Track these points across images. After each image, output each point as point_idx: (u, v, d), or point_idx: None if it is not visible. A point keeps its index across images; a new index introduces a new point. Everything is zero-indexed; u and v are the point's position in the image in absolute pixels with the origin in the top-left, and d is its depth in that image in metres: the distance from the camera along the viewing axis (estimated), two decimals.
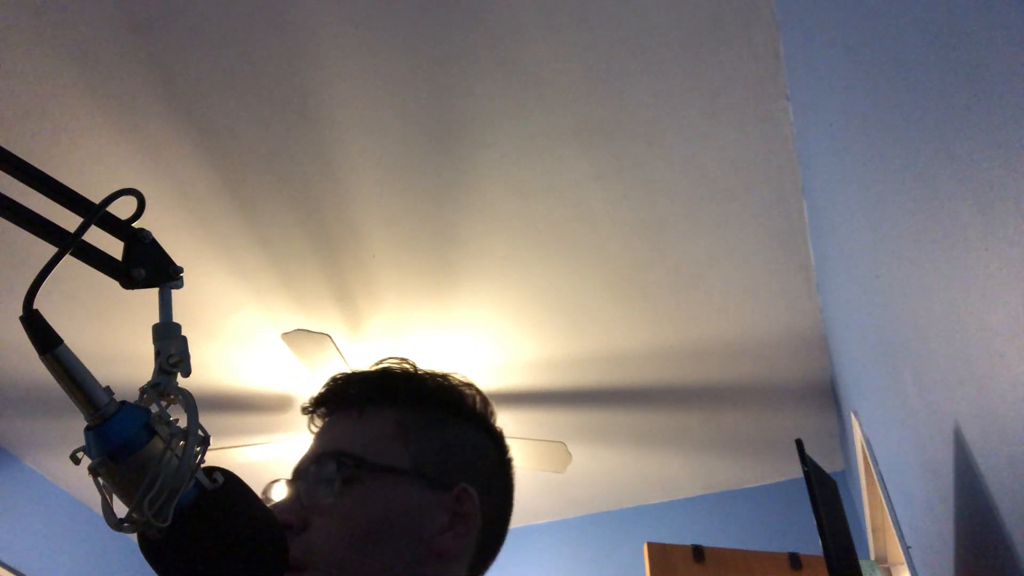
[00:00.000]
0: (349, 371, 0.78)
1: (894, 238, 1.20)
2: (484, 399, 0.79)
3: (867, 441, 2.09)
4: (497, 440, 0.79)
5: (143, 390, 0.65)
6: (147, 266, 0.70)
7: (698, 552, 2.60)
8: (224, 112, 2.03)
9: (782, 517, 3.36)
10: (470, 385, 0.79)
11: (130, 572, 3.42)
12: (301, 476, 0.69)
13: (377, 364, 0.79)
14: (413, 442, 0.71)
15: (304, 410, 0.77)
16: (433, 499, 0.69)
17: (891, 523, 1.81)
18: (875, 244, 1.38)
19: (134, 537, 0.61)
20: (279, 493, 0.72)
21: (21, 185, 0.69)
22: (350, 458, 0.68)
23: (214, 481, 0.62)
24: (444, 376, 0.79)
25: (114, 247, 0.75)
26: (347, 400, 0.75)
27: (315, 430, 0.76)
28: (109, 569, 3.38)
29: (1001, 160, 0.70)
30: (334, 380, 0.76)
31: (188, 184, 2.19)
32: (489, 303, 2.61)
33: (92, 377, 0.61)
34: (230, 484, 0.64)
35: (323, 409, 0.76)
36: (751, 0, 1.83)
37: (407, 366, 0.79)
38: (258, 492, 0.69)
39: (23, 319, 0.59)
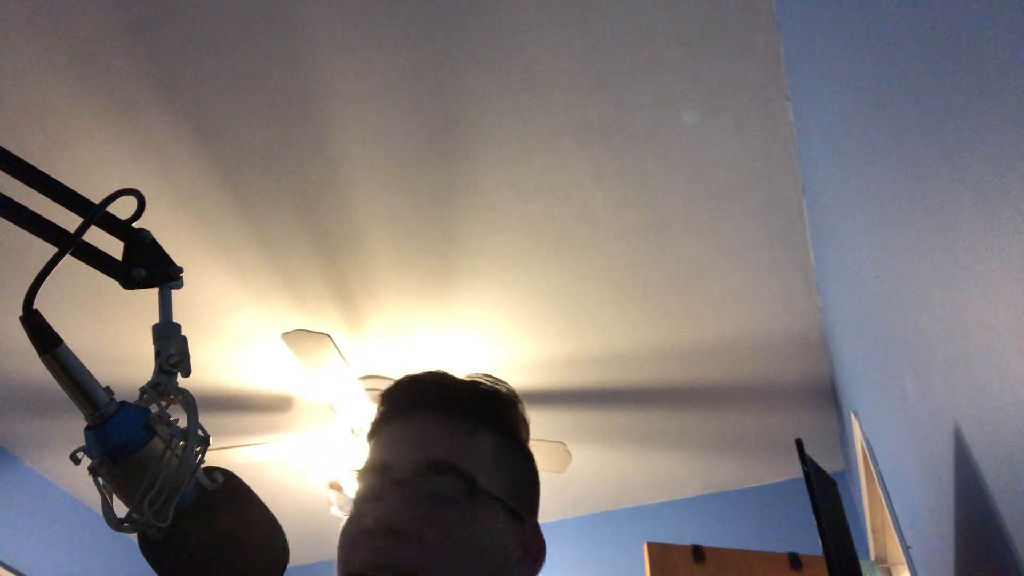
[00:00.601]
0: (451, 376, 0.76)
1: (894, 238, 1.20)
2: (528, 432, 0.80)
3: (867, 441, 2.09)
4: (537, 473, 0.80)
5: (143, 390, 0.65)
6: (147, 266, 0.70)
7: (698, 552, 2.60)
8: (224, 112, 2.03)
9: (782, 517, 3.36)
10: (527, 419, 0.80)
11: (130, 572, 3.42)
12: (408, 480, 0.67)
13: (476, 377, 0.77)
14: (504, 471, 0.72)
15: (395, 389, 0.75)
16: (513, 531, 0.69)
17: (891, 523, 1.81)
18: (875, 244, 1.38)
19: (134, 537, 0.61)
20: (350, 485, 0.71)
21: (21, 185, 0.69)
22: (468, 479, 0.67)
23: (214, 481, 0.63)
24: (521, 403, 0.79)
25: (114, 247, 0.75)
26: (457, 409, 0.73)
27: (388, 416, 0.74)
28: (109, 569, 3.38)
29: (1001, 160, 0.69)
30: (442, 379, 0.75)
31: (188, 184, 2.19)
32: (489, 303, 2.61)
33: (92, 377, 0.61)
34: (230, 484, 0.64)
35: (415, 401, 0.74)
36: (751, 0, 1.83)
37: (509, 389, 0.77)
38: (259, 492, 0.69)
39: (23, 319, 0.59)
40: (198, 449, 0.62)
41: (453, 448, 0.70)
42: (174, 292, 0.71)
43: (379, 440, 0.73)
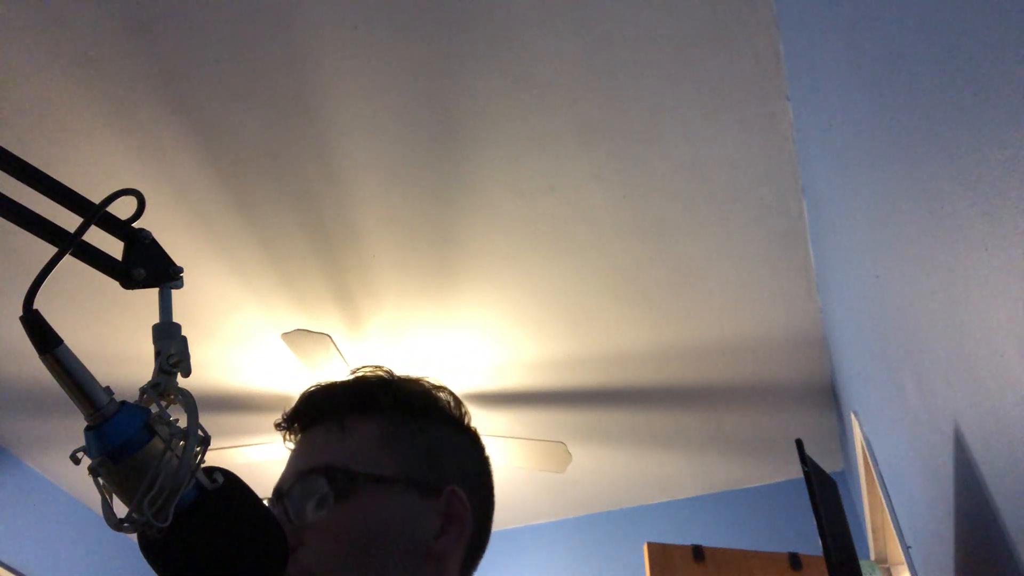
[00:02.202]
0: (322, 384, 0.76)
1: (894, 238, 1.20)
2: (458, 401, 0.79)
3: (867, 441, 2.09)
4: (475, 440, 0.79)
5: (143, 390, 0.65)
6: (147, 266, 0.70)
7: (698, 552, 2.60)
8: (224, 112, 2.03)
9: (782, 517, 3.36)
10: (443, 388, 0.79)
11: (130, 572, 3.42)
12: (287, 494, 0.68)
13: (352, 373, 0.77)
14: (398, 450, 0.71)
15: (278, 426, 0.76)
16: (424, 504, 0.69)
17: (891, 523, 1.81)
18: (875, 244, 1.38)
19: (134, 537, 0.61)
20: None
21: (21, 185, 0.69)
22: (340, 472, 0.67)
23: (214, 481, 0.62)
24: (418, 381, 0.78)
25: (114, 247, 0.75)
26: (325, 413, 0.73)
27: (291, 447, 0.75)
28: (109, 569, 3.38)
29: (1001, 160, 0.70)
30: (309, 394, 0.75)
31: (188, 184, 2.19)
32: (489, 303, 2.61)
33: (92, 377, 0.61)
34: (230, 484, 0.64)
35: (298, 424, 0.75)
36: (751, 0, 1.83)
37: (382, 374, 0.77)
38: (259, 493, 0.69)
39: (23, 319, 0.59)
40: (198, 449, 0.62)
41: (324, 451, 0.70)
42: (174, 292, 0.71)
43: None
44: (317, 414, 0.74)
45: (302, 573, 0.63)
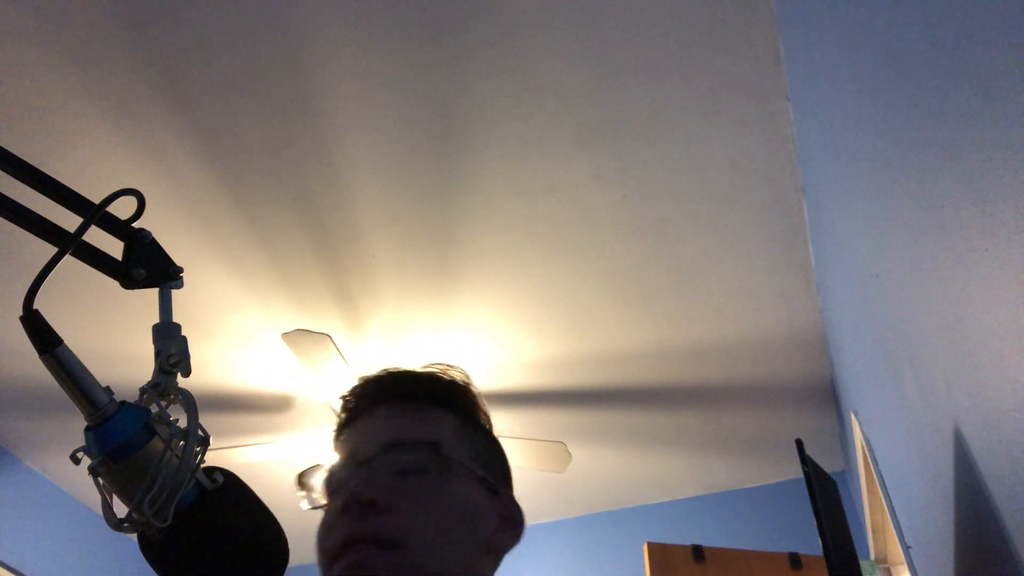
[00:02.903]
0: (404, 369, 0.79)
1: (894, 238, 1.20)
2: (487, 413, 0.83)
3: (867, 441, 2.09)
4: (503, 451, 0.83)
5: (143, 390, 0.65)
6: (147, 266, 0.70)
7: (698, 552, 2.60)
8: (224, 112, 2.03)
9: (782, 517, 3.36)
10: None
11: (130, 572, 3.42)
12: (374, 459, 0.68)
13: (427, 367, 0.80)
14: (468, 447, 0.74)
15: (355, 391, 0.77)
16: (487, 501, 0.72)
17: (891, 523, 1.81)
18: (875, 244, 1.38)
19: (134, 537, 0.61)
20: (318, 478, 0.73)
21: (21, 185, 0.69)
22: (443, 450, 0.70)
23: (214, 481, 0.63)
24: (472, 385, 0.82)
25: (114, 247, 0.75)
26: (410, 396, 0.75)
27: (351, 416, 0.76)
28: (109, 569, 3.38)
29: (1001, 160, 0.70)
30: (394, 374, 0.77)
31: (188, 184, 2.19)
32: (489, 303, 2.61)
33: (92, 377, 0.61)
34: (230, 484, 0.64)
35: (377, 397, 0.76)
36: (751, 1, 1.83)
37: (456, 374, 0.80)
38: (259, 492, 0.69)
39: (23, 319, 0.59)
40: (198, 449, 0.62)
41: (413, 427, 0.72)
42: (174, 292, 0.71)
43: (343, 440, 0.75)
44: (402, 392, 0.75)
45: (397, 532, 0.63)
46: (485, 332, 2.72)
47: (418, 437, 0.70)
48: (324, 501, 0.69)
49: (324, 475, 0.72)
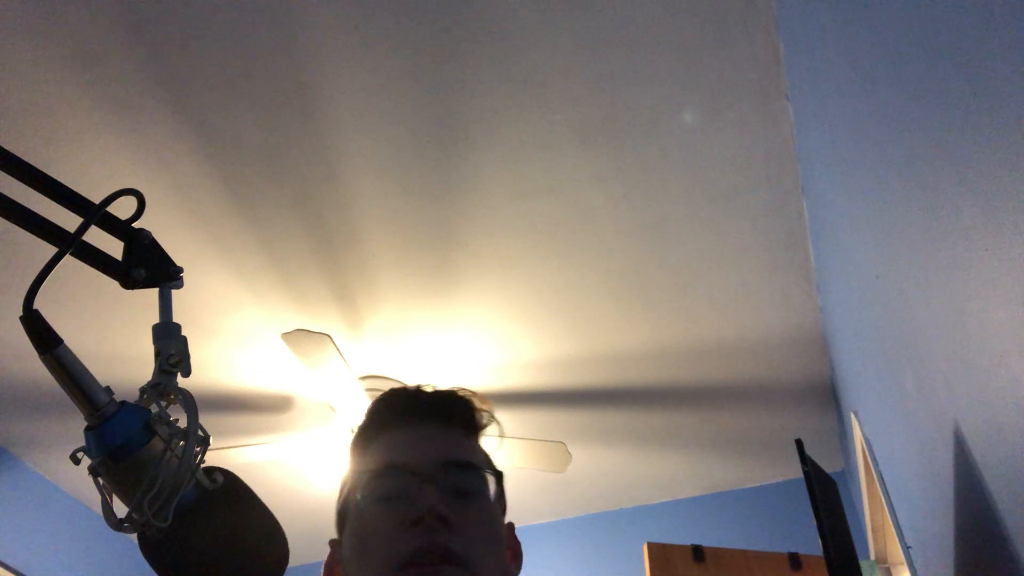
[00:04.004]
0: (446, 390, 0.80)
1: (894, 238, 1.20)
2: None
3: (867, 441, 2.09)
4: None
5: (143, 390, 0.65)
6: (147, 266, 0.70)
7: (698, 552, 2.60)
8: (224, 112, 2.03)
9: (782, 517, 3.36)
10: None
11: (130, 572, 3.42)
12: (439, 477, 0.69)
13: (461, 392, 0.81)
14: (494, 475, 0.76)
15: (400, 399, 0.78)
16: (503, 521, 0.75)
17: (891, 523, 1.81)
18: (875, 244, 1.38)
19: (134, 537, 0.61)
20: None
21: (21, 185, 0.69)
22: (486, 479, 0.72)
23: (214, 481, 0.63)
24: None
25: (114, 247, 0.75)
26: (457, 420, 0.77)
27: (391, 423, 0.77)
28: (109, 569, 3.38)
29: (1002, 160, 0.69)
30: (442, 394, 0.78)
31: (188, 184, 2.19)
32: (489, 303, 2.61)
33: (92, 377, 0.61)
34: (230, 484, 0.64)
35: (424, 413, 0.77)
36: (751, 0, 1.83)
37: (488, 407, 0.82)
38: (259, 492, 0.69)
39: (23, 319, 0.59)
40: (198, 449, 0.62)
41: (463, 450, 0.74)
42: (174, 292, 0.71)
43: (379, 445, 0.75)
44: (443, 414, 0.76)
45: (460, 552, 0.65)
46: (485, 332, 2.72)
47: (471, 460, 0.72)
48: (360, 496, 0.70)
49: (365, 474, 0.72)
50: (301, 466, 3.26)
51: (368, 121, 2.07)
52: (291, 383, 2.88)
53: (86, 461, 0.61)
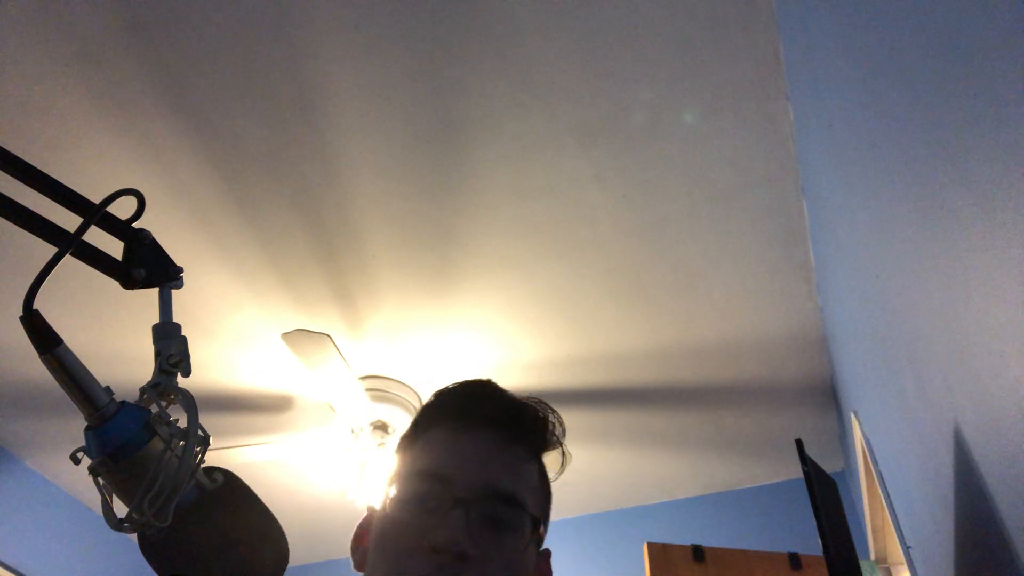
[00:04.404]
0: (518, 401, 0.76)
1: (894, 238, 1.20)
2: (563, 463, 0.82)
3: (867, 441, 2.09)
4: None
5: (143, 390, 0.65)
6: (147, 266, 0.70)
7: (698, 552, 2.60)
8: (225, 112, 2.03)
9: (782, 517, 3.36)
10: None
11: (130, 572, 3.42)
12: (477, 504, 0.67)
13: (532, 402, 0.78)
14: (541, 502, 0.74)
15: (465, 396, 0.75)
16: (533, 555, 0.71)
17: (891, 523, 1.81)
18: (875, 244, 1.38)
19: (134, 537, 0.61)
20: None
21: (21, 185, 0.69)
22: (527, 515, 0.69)
23: (214, 481, 0.63)
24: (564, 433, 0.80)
25: (114, 247, 0.75)
26: (520, 439, 0.74)
27: (446, 418, 0.74)
28: (109, 569, 3.38)
29: (1001, 160, 0.69)
30: (512, 405, 0.75)
31: (188, 184, 2.19)
32: (489, 303, 2.61)
33: (92, 377, 0.61)
34: (230, 484, 0.64)
35: (487, 420, 0.73)
36: (751, 1, 1.83)
37: (559, 423, 0.79)
38: (259, 492, 0.69)
39: (23, 319, 0.59)
40: (198, 449, 0.62)
41: (515, 477, 0.71)
42: (174, 292, 0.71)
43: (432, 445, 0.72)
44: (509, 426, 0.73)
45: None
46: (485, 332, 2.72)
47: (516, 492, 0.69)
48: (395, 488, 0.68)
49: (408, 465, 0.70)
50: (301, 466, 3.26)
51: (368, 121, 2.07)
52: (291, 383, 2.88)
53: (86, 461, 0.61)
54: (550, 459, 0.77)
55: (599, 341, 2.76)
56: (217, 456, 2.73)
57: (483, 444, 0.71)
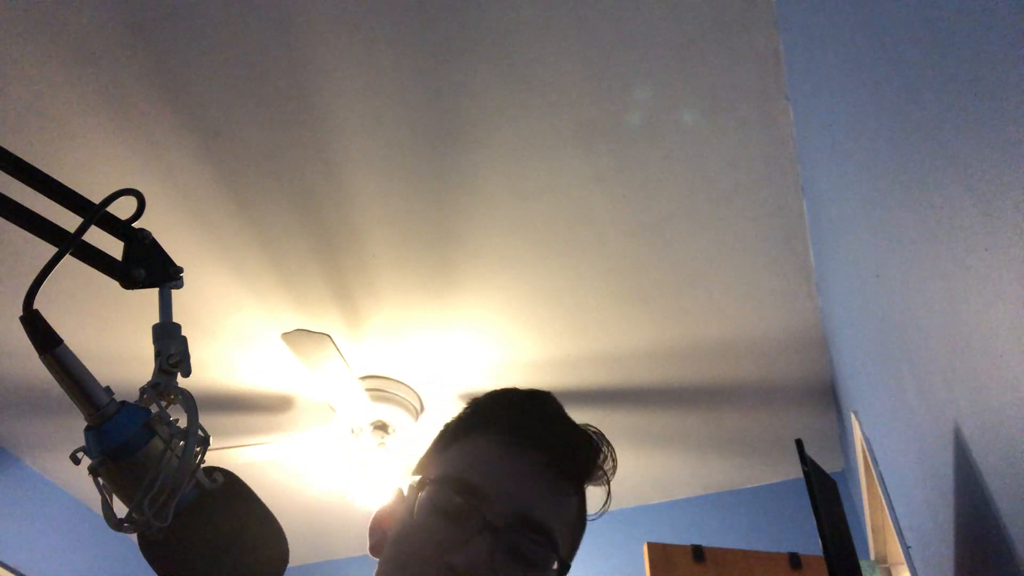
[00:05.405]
0: (574, 431, 0.72)
1: (894, 238, 1.20)
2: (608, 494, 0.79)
3: (867, 441, 2.09)
4: None
5: (143, 390, 0.65)
6: (147, 266, 0.70)
7: (698, 552, 2.60)
8: (225, 112, 2.03)
9: (782, 517, 3.36)
10: None
11: (130, 572, 3.42)
12: (504, 533, 0.63)
13: (588, 430, 0.73)
14: (574, 537, 0.72)
15: (522, 412, 0.71)
16: None
17: (891, 523, 1.81)
18: (875, 244, 1.38)
19: (134, 537, 0.61)
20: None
21: (21, 185, 0.69)
22: (557, 553, 0.66)
23: (214, 481, 0.63)
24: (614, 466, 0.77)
25: (114, 247, 0.75)
26: (571, 469, 0.70)
27: (495, 424, 0.70)
28: (109, 569, 3.38)
29: (1001, 160, 0.69)
30: (567, 436, 0.71)
31: (188, 184, 2.19)
32: (489, 303, 2.61)
33: (92, 377, 0.61)
34: (230, 484, 0.64)
35: (539, 443, 0.69)
36: (751, 0, 1.83)
37: (607, 449, 0.74)
38: (259, 493, 0.69)
39: (23, 319, 0.59)
40: (198, 449, 0.62)
41: (553, 510, 0.68)
42: (174, 292, 0.71)
43: (473, 453, 0.69)
44: (560, 454, 0.69)
45: None
46: (485, 332, 2.72)
47: (550, 526, 0.66)
48: (423, 492, 0.66)
49: (441, 468, 0.68)
50: (301, 466, 3.26)
51: (368, 121, 2.07)
52: (291, 383, 2.88)
53: (86, 461, 0.61)
54: (592, 492, 0.73)
55: (599, 341, 2.76)
56: (217, 456, 2.73)
57: (527, 467, 0.68)
